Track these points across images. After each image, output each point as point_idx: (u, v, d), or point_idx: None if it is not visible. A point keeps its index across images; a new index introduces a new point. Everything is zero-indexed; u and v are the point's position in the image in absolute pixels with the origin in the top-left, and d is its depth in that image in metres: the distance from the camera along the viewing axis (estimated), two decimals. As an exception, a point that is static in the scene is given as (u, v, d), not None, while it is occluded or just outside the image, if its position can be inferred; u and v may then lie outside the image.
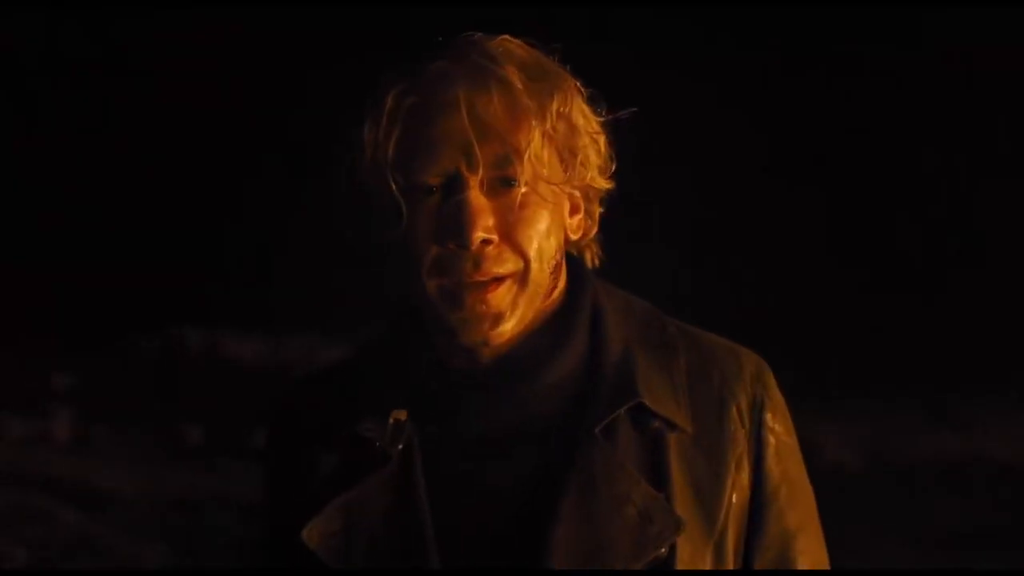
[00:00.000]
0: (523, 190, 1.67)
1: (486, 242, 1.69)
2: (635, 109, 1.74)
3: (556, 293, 1.75)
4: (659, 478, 1.67)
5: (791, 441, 1.74)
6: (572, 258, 1.79)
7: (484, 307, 1.68)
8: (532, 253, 1.69)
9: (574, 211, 1.75)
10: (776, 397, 1.74)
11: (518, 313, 1.70)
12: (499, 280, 1.69)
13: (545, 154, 1.67)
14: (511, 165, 1.65)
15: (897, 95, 9.40)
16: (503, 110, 1.66)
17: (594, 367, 1.71)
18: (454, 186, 1.67)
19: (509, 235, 1.69)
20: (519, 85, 1.66)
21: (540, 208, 1.68)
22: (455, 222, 1.67)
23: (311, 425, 1.86)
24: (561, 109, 1.67)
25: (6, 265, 10.83)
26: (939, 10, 8.70)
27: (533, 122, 1.65)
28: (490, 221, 1.68)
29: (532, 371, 1.73)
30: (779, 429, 1.71)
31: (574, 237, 1.75)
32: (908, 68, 9.27)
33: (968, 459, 8.76)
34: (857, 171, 9.32)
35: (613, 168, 1.76)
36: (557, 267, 1.73)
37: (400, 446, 1.73)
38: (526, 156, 1.65)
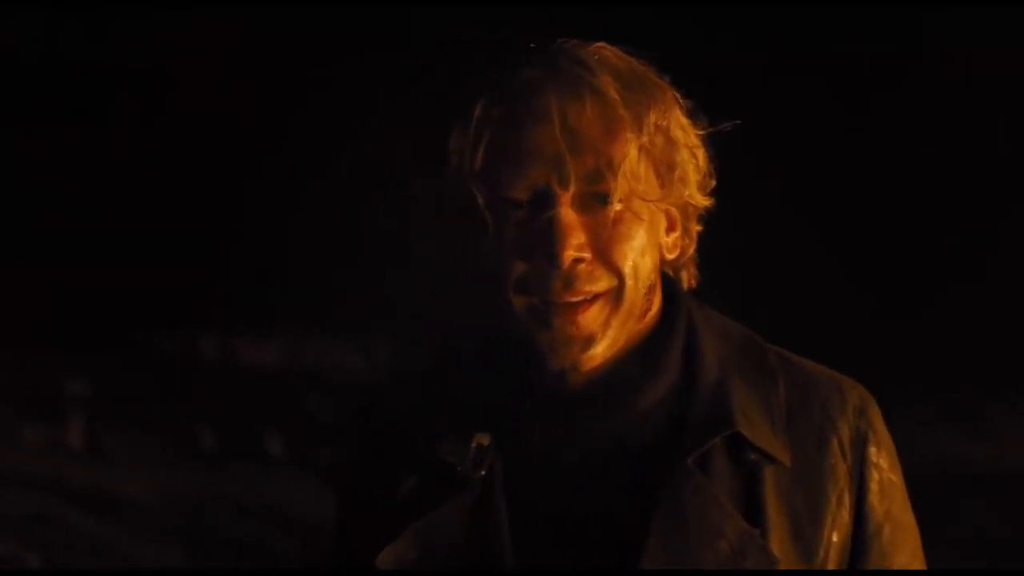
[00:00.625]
0: (617, 207, 1.60)
1: (578, 260, 1.61)
2: (738, 122, 1.66)
3: (650, 315, 1.68)
4: (754, 512, 1.59)
5: (896, 479, 1.67)
6: (667, 278, 1.71)
7: (574, 328, 1.60)
8: (626, 272, 1.62)
9: (670, 229, 1.67)
10: (881, 431, 1.67)
11: (610, 335, 1.62)
12: (590, 300, 1.61)
13: (641, 169, 1.60)
14: (604, 180, 1.57)
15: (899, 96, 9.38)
16: (597, 122, 1.58)
17: (688, 394, 1.63)
18: (544, 201, 1.60)
19: (602, 253, 1.61)
20: (615, 95, 1.58)
21: (635, 225, 1.61)
22: (545, 239, 1.59)
23: (386, 441, 1.77)
24: (659, 122, 1.60)
25: (18, 269, 10.83)
26: (939, 10, 8.68)
27: (628, 135, 1.58)
28: (582, 238, 1.60)
29: (624, 397, 1.66)
30: (884, 465, 1.64)
31: (670, 256, 1.68)
32: (908, 69, 9.25)
33: (998, 466, 8.72)
34: (857, 174, 9.30)
35: (713, 184, 1.68)
36: (652, 288, 1.65)
37: (482, 472, 1.64)
38: (621, 171, 1.57)
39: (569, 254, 1.59)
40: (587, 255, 1.61)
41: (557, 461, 1.63)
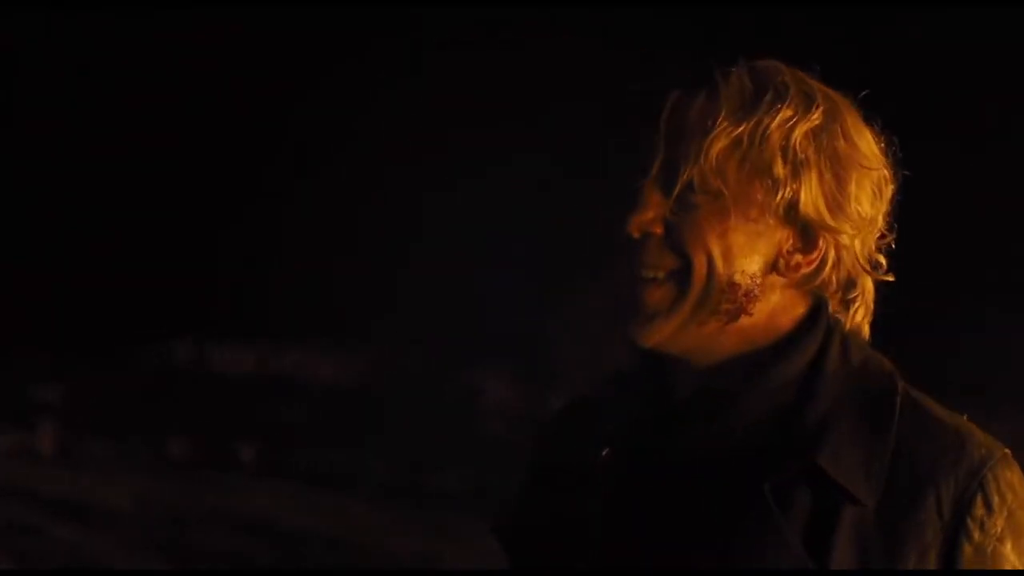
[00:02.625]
0: (701, 197, 1.62)
1: (648, 235, 1.64)
2: (907, 173, 1.68)
3: (749, 324, 1.66)
4: (822, 549, 1.58)
5: (1002, 549, 1.59)
6: (818, 301, 1.69)
7: (643, 304, 1.64)
8: (695, 258, 1.63)
9: (796, 245, 1.66)
10: (996, 497, 1.59)
11: (675, 321, 1.64)
12: (659, 282, 1.64)
13: (730, 167, 1.62)
14: (687, 167, 1.60)
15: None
16: (699, 117, 1.61)
17: (790, 421, 1.62)
18: (639, 184, 1.66)
19: (672, 233, 1.64)
20: (728, 95, 1.62)
21: (720, 218, 1.62)
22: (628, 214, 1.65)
23: (549, 450, 1.84)
24: (772, 130, 1.61)
25: (-7, 277, 10.80)
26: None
27: (724, 132, 1.60)
28: (654, 214, 1.63)
29: (719, 412, 1.67)
30: (991, 531, 1.59)
31: (790, 273, 1.65)
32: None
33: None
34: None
35: (857, 214, 1.65)
36: (748, 293, 1.64)
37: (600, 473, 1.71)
38: (702, 162, 1.60)
39: (636, 223, 1.63)
40: (657, 231, 1.64)
41: (654, 468, 1.68)
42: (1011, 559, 1.60)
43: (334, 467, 9.85)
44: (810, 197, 1.62)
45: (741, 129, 1.61)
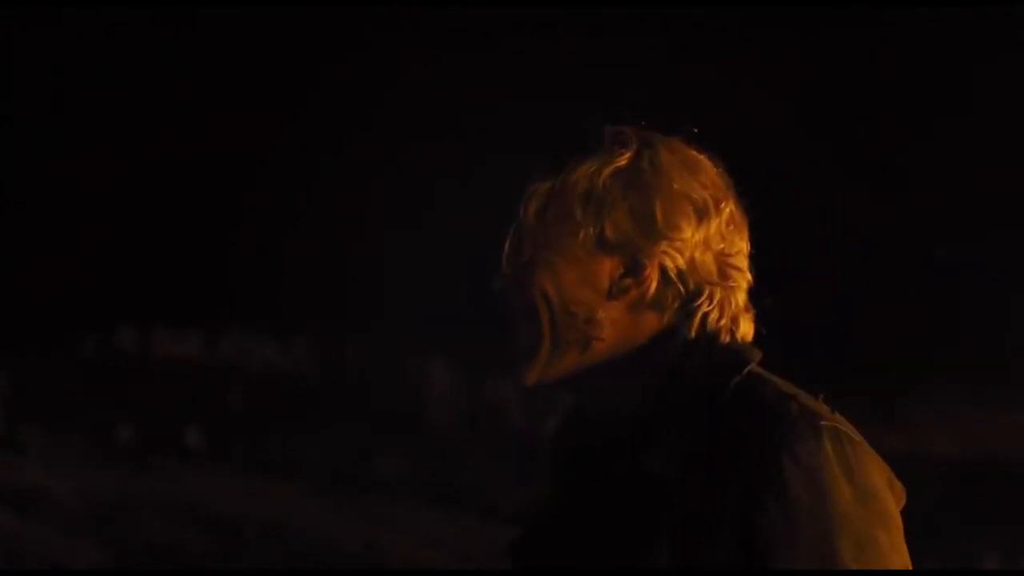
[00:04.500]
0: (528, 250, 1.87)
1: (506, 291, 1.91)
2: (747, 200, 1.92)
3: (607, 348, 1.88)
4: (653, 530, 1.77)
5: (799, 521, 1.74)
6: (675, 328, 1.88)
7: (515, 346, 1.90)
8: (537, 300, 1.88)
9: (623, 271, 1.86)
10: (793, 471, 1.73)
11: (541, 358, 1.87)
12: (521, 323, 1.89)
13: (546, 221, 1.86)
14: (514, 230, 1.87)
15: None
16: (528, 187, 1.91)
17: (637, 423, 1.86)
18: None
19: (519, 286, 1.89)
20: (545, 162, 1.88)
21: (551, 263, 1.86)
22: None
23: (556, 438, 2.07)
24: (571, 181, 1.86)
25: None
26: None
27: (533, 192, 1.86)
28: (506, 272, 1.89)
29: (591, 425, 1.92)
30: (780, 504, 1.72)
31: (623, 296, 1.86)
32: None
33: (913, 454, 8.89)
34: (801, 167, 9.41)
35: (676, 236, 1.85)
36: (588, 320, 1.85)
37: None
38: (524, 221, 1.86)
39: (497, 282, 1.90)
40: (512, 287, 1.88)
41: (565, 470, 1.96)
42: (806, 531, 1.72)
43: (277, 454, 9.87)
44: (616, 228, 1.84)
45: (549, 186, 1.85)
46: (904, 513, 1.80)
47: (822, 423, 1.74)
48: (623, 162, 1.85)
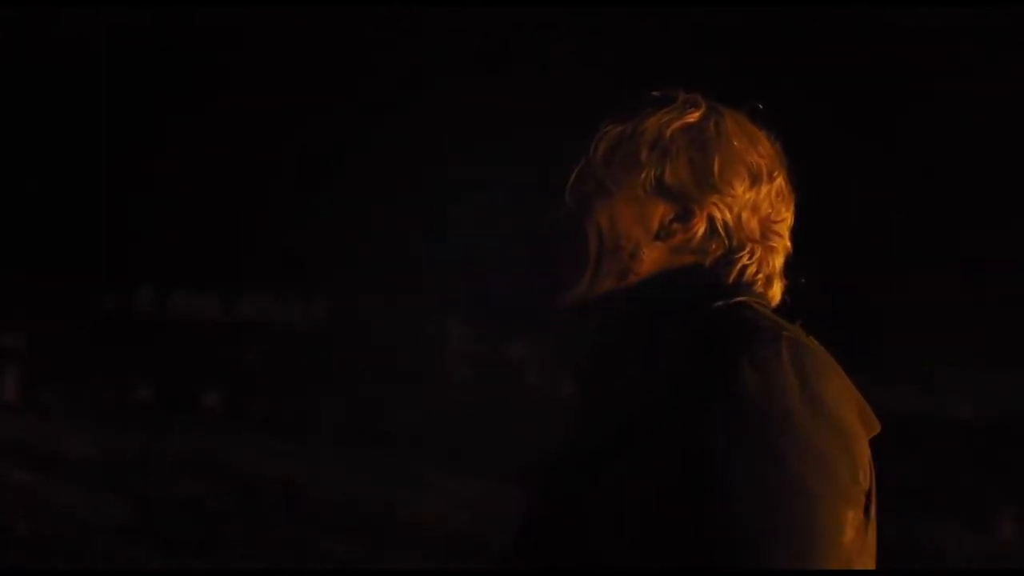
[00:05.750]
0: (589, 184, 1.99)
1: (558, 221, 2.02)
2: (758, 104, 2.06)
3: (640, 281, 2.01)
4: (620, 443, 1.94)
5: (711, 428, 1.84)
6: (691, 265, 2.04)
7: (557, 278, 2.03)
8: (589, 230, 1.99)
9: (674, 216, 2.01)
10: (730, 374, 1.84)
11: (580, 288, 2.00)
12: (566, 258, 2.00)
13: (614, 159, 1.99)
14: (579, 163, 2.00)
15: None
16: (598, 125, 2.04)
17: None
18: None
19: (573, 217, 2.01)
20: (619, 107, 2.03)
21: (609, 198, 2.00)
22: None
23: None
24: (643, 127, 2.00)
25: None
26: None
27: (605, 131, 2.01)
28: (561, 204, 2.00)
29: (610, 350, 2.04)
30: (716, 400, 1.83)
31: (669, 239, 2.01)
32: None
33: (923, 415, 8.91)
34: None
35: (728, 192, 2.00)
36: (632, 255, 2.00)
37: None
38: (592, 157, 2.00)
39: (549, 218, 2.01)
40: (565, 216, 2.00)
41: (579, 407, 2.08)
42: (752, 428, 1.81)
43: (295, 413, 9.91)
44: (675, 175, 1.98)
45: (622, 129, 2.00)
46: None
47: (783, 332, 1.85)
48: (692, 119, 2.00)
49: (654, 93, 2.04)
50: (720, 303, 1.94)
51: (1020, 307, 9.45)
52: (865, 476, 1.81)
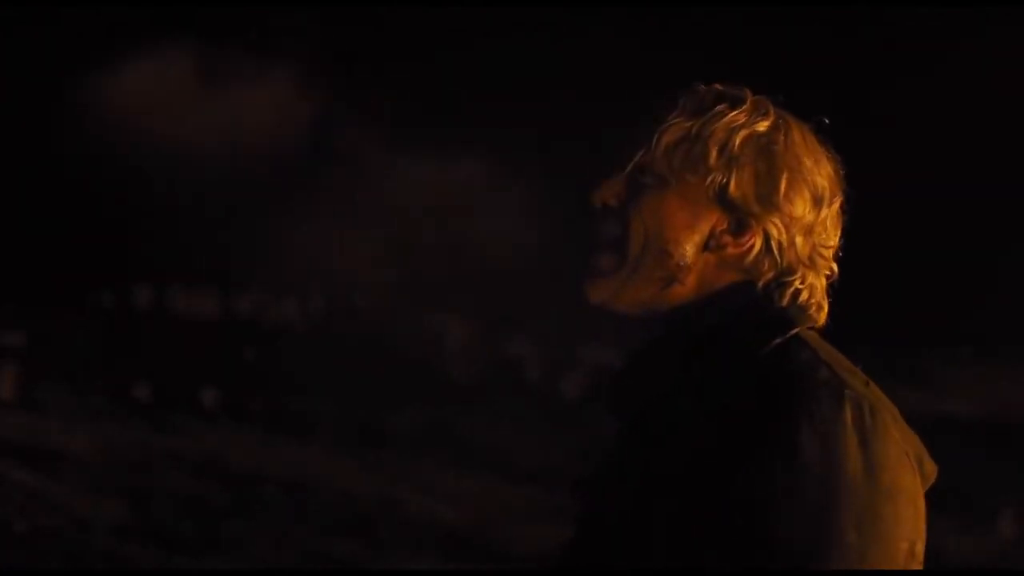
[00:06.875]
0: (649, 180, 1.92)
1: (606, 209, 1.92)
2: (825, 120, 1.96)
3: (679, 290, 1.94)
4: (666, 473, 1.87)
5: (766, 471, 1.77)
6: (743, 280, 1.94)
7: (593, 266, 1.93)
8: (635, 228, 1.92)
9: (728, 228, 1.91)
10: (789, 433, 1.76)
11: (615, 281, 1.90)
12: (608, 244, 1.92)
13: (676, 156, 1.92)
14: (641, 153, 1.91)
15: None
16: (663, 116, 1.93)
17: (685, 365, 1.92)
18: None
19: (622, 208, 1.91)
20: (688, 100, 1.93)
21: (664, 198, 1.93)
22: None
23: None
24: (712, 128, 1.91)
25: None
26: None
27: (671, 124, 1.90)
28: (610, 191, 1.91)
29: (649, 350, 1.98)
30: (773, 461, 1.75)
31: (719, 252, 1.91)
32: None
33: (924, 414, 8.89)
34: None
35: (788, 211, 1.92)
36: (679, 264, 1.91)
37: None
38: (654, 149, 1.91)
39: (597, 196, 1.92)
40: (613, 205, 1.91)
41: (620, 414, 1.99)
42: (810, 494, 1.75)
43: (294, 410, 9.89)
44: (740, 186, 1.89)
45: (689, 125, 1.90)
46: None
47: (846, 391, 1.77)
48: (762, 128, 1.91)
49: (717, 87, 1.93)
50: (778, 339, 1.85)
51: (1019, 304, 9.43)
52: (922, 545, 1.76)
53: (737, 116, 1.89)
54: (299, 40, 11.10)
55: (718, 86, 1.93)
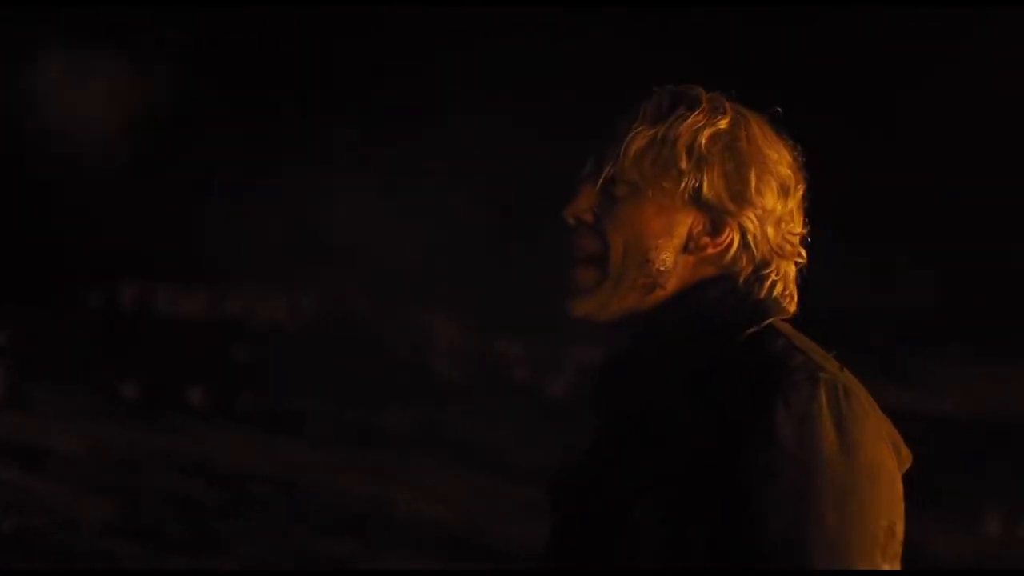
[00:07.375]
0: (623, 188, 1.91)
1: (580, 223, 1.93)
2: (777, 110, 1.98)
3: (666, 295, 1.94)
4: (645, 465, 1.89)
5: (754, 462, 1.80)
6: (723, 276, 1.97)
7: (572, 281, 1.93)
8: (614, 241, 1.91)
9: (705, 229, 1.93)
10: (765, 417, 1.78)
11: (598, 296, 1.92)
12: (585, 261, 1.92)
13: (645, 162, 1.90)
14: (610, 163, 1.91)
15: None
16: (626, 124, 1.94)
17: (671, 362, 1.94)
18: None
19: (598, 221, 1.92)
20: (648, 106, 1.94)
21: (640, 207, 1.91)
22: None
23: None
24: (677, 131, 1.92)
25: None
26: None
27: (637, 132, 1.91)
28: (583, 205, 1.92)
29: (632, 354, 1.98)
30: (750, 445, 1.78)
31: (698, 252, 1.93)
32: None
33: (915, 413, 8.91)
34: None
35: (760, 205, 1.93)
36: (660, 271, 1.92)
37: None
38: (624, 157, 1.90)
39: (569, 211, 1.93)
40: (587, 219, 1.92)
41: (603, 415, 2.01)
42: (789, 475, 1.77)
43: (283, 409, 9.89)
44: (712, 186, 1.91)
45: (654, 131, 1.91)
46: (909, 473, 1.84)
47: (820, 374, 1.80)
48: (724, 126, 1.93)
49: (672, 88, 1.95)
50: (752, 329, 1.88)
51: (1007, 302, 9.46)
52: (902, 525, 1.79)
53: (698, 117, 1.91)
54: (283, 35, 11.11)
55: (671, 87, 1.95)
